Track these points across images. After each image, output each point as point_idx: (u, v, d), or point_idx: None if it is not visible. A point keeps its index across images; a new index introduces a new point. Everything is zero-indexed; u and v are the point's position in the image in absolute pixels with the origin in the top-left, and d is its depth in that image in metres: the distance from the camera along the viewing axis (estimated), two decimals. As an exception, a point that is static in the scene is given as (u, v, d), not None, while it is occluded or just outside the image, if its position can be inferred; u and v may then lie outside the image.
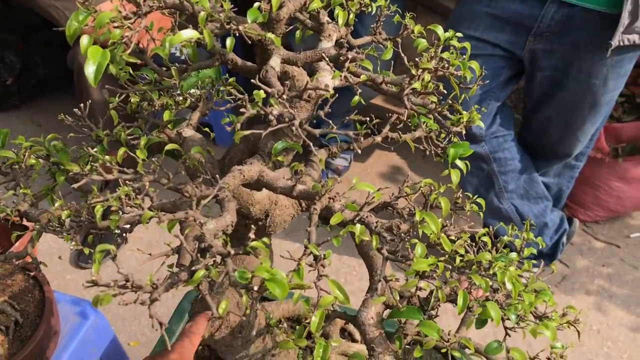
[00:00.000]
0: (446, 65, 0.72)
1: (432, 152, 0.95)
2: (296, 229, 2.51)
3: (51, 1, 2.08)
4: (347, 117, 0.77)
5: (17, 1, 2.46)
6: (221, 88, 1.01)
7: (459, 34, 0.90)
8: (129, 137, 0.80)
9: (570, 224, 2.36)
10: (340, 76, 0.71)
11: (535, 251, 1.02)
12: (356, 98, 0.71)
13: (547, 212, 2.21)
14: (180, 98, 0.87)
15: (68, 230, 0.77)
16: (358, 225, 0.69)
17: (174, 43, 0.60)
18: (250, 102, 0.79)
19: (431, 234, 0.66)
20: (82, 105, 0.93)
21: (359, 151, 0.72)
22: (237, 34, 0.65)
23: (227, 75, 1.04)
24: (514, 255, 0.99)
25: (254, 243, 0.56)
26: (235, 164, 0.84)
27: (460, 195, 0.79)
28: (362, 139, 0.78)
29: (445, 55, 0.72)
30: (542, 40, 1.82)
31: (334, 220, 0.66)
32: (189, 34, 0.60)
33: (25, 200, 0.94)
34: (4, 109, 2.96)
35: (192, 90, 0.95)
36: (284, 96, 0.61)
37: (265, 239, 0.58)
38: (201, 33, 0.62)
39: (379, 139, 0.88)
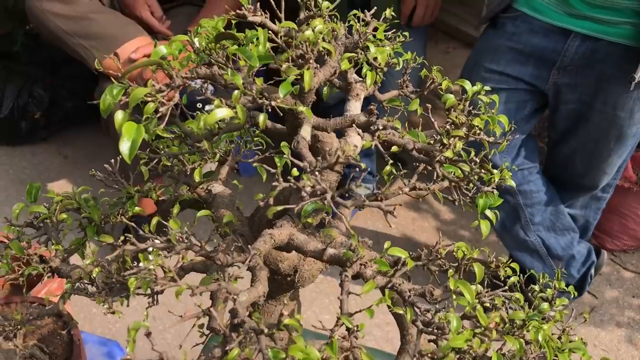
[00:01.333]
0: (477, 131, 0.72)
1: (461, 201, 0.94)
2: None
3: (79, 40, 2.11)
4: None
5: (44, 39, 2.52)
6: (248, 140, 1.02)
7: (487, 88, 0.90)
8: (159, 198, 0.81)
9: (598, 255, 2.32)
10: (371, 145, 0.71)
11: (567, 301, 1.00)
12: (387, 168, 0.71)
13: (574, 244, 2.18)
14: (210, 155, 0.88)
15: (100, 292, 0.77)
16: (387, 291, 0.69)
17: (209, 122, 0.61)
18: (277, 155, 0.80)
19: (466, 305, 0.66)
20: (112, 161, 0.95)
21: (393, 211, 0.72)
22: (269, 109, 0.66)
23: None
24: (545, 305, 0.98)
25: (287, 321, 0.56)
26: (264, 223, 0.84)
27: (494, 259, 0.78)
28: (387, 195, 0.78)
29: (476, 122, 0.72)
30: (566, 73, 1.81)
31: (366, 290, 0.66)
32: (223, 112, 0.61)
33: (56, 255, 0.96)
34: (32, 142, 3.01)
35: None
36: (316, 171, 0.62)
37: (298, 316, 0.58)
38: (234, 108, 0.63)
39: (406, 189, 0.88)
